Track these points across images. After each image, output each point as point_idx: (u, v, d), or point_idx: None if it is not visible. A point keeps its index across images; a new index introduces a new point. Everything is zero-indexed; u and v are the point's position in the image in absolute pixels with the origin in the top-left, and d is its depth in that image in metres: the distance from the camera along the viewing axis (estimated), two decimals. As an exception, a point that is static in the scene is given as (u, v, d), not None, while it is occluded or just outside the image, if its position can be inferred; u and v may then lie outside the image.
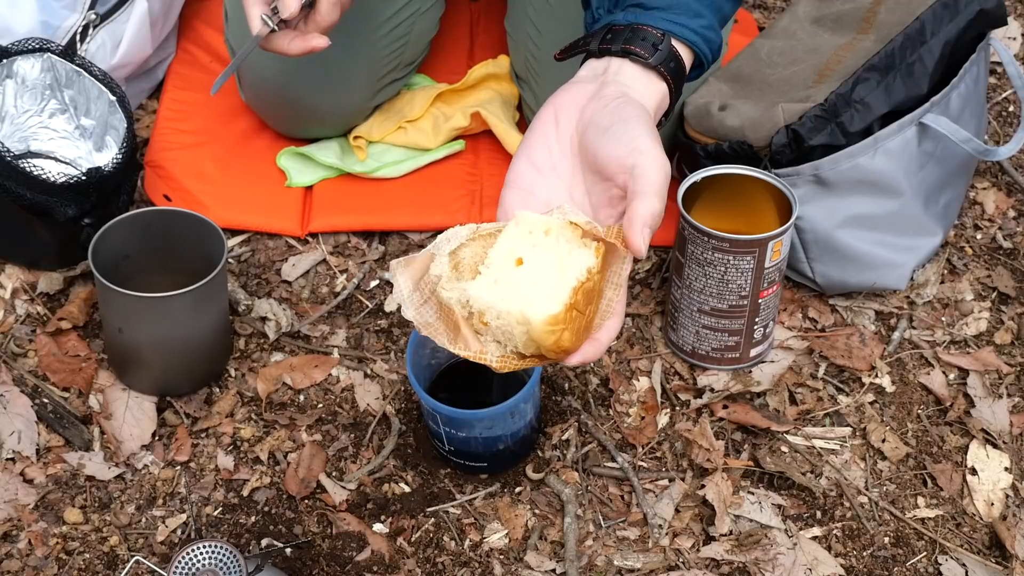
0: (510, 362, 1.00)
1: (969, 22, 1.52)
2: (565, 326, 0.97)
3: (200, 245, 1.38)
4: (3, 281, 1.51)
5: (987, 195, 1.67)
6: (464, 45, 1.81)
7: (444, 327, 1.01)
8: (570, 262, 0.98)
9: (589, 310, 0.99)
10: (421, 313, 1.02)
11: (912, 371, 1.48)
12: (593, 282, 0.98)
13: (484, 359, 0.99)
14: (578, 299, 0.97)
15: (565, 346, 0.98)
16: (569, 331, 0.97)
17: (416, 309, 1.02)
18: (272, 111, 1.64)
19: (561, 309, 0.96)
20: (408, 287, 1.02)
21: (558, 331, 0.97)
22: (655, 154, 0.99)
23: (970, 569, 1.31)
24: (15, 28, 1.53)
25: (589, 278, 0.98)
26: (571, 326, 0.97)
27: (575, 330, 0.98)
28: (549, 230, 0.99)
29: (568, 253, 0.99)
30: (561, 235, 0.99)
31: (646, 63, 1.07)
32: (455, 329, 1.00)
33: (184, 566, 1.14)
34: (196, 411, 1.40)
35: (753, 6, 1.97)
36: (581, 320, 0.98)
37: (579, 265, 0.98)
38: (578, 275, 0.97)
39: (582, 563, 1.29)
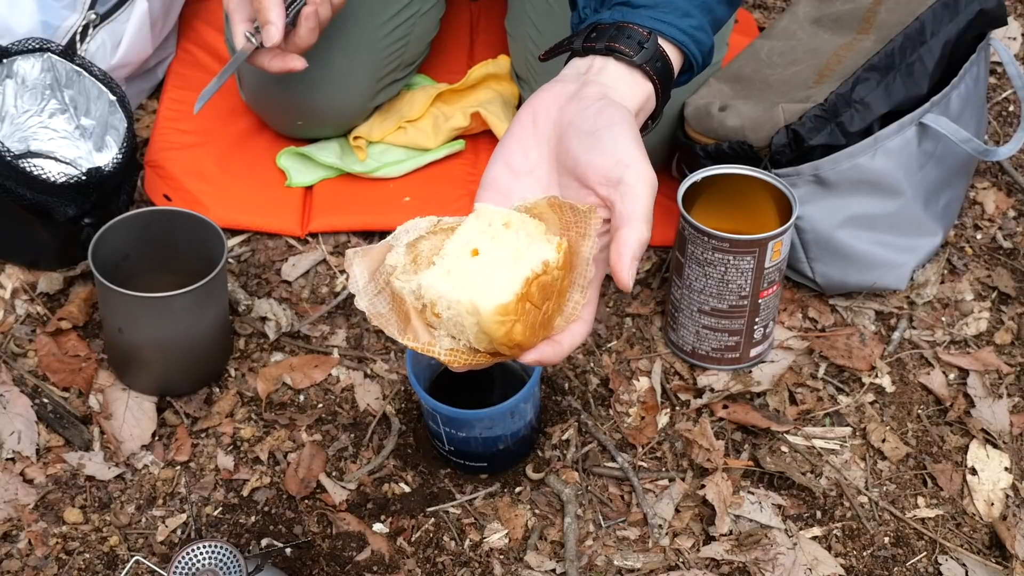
0: (460, 356, 0.98)
1: (969, 22, 1.52)
2: (516, 318, 0.94)
3: (200, 245, 1.38)
4: (3, 281, 1.51)
5: (987, 195, 1.67)
6: (464, 45, 1.81)
7: (396, 318, 0.99)
8: (527, 254, 0.96)
9: (547, 306, 0.96)
10: (374, 303, 1.00)
11: (912, 371, 1.48)
12: (552, 277, 0.96)
13: (432, 351, 0.97)
14: (531, 291, 0.95)
15: (517, 339, 0.95)
16: (522, 324, 0.95)
17: (369, 299, 1.00)
18: (272, 111, 1.64)
19: (512, 299, 0.94)
20: (364, 277, 1.01)
21: (508, 322, 0.94)
22: (642, 168, 0.97)
23: (970, 569, 1.31)
24: (15, 28, 1.53)
25: (546, 271, 0.95)
26: (524, 319, 0.95)
27: (529, 324, 0.95)
28: (509, 223, 0.97)
29: (527, 246, 0.96)
30: (522, 229, 0.97)
31: (631, 61, 1.04)
32: (406, 320, 0.99)
33: (184, 566, 1.14)
34: (196, 411, 1.40)
35: (753, 6, 1.97)
36: (536, 315, 0.96)
37: (536, 257, 0.95)
38: (533, 267, 0.95)
39: (582, 563, 1.29)
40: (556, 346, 0.98)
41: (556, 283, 0.96)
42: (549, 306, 0.97)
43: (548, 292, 0.96)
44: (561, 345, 0.98)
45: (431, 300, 0.96)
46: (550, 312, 0.97)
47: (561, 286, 0.97)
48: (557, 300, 0.98)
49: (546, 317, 0.97)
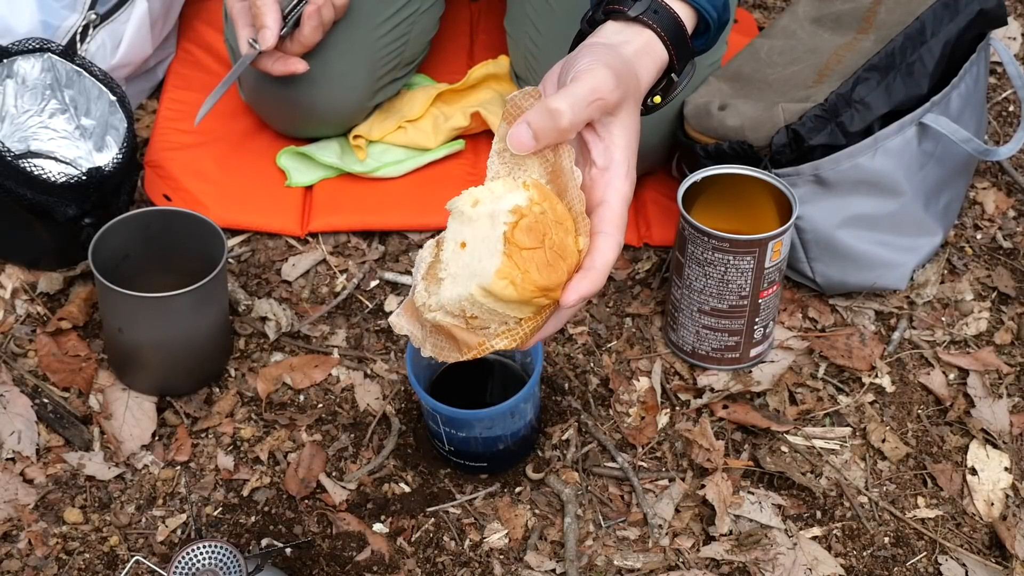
0: (516, 334, 0.97)
1: (969, 22, 1.52)
2: (521, 270, 0.94)
3: (200, 245, 1.38)
4: (3, 281, 1.51)
5: (987, 195, 1.67)
6: (464, 45, 1.81)
7: (451, 344, 1.00)
8: (500, 212, 0.95)
9: (550, 239, 0.95)
10: (435, 344, 1.01)
11: (912, 371, 1.48)
12: (533, 216, 0.95)
13: (489, 346, 0.98)
14: (519, 239, 0.94)
15: (541, 284, 0.95)
16: (532, 271, 0.94)
17: (431, 343, 1.01)
18: (272, 111, 1.64)
19: (501, 260, 0.94)
20: (417, 328, 1.02)
21: (517, 277, 0.94)
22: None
23: (970, 569, 1.31)
24: (15, 28, 1.53)
25: (522, 215, 0.94)
26: (531, 264, 0.94)
27: (540, 266, 0.95)
28: (476, 200, 0.97)
29: (497, 206, 0.96)
30: (488, 196, 0.96)
31: (625, 15, 1.05)
32: (454, 340, 0.99)
33: (184, 566, 1.14)
34: (196, 411, 1.40)
35: (753, 6, 1.97)
36: (542, 253, 0.95)
37: (505, 208, 0.95)
38: (505, 220, 0.94)
39: (582, 563, 1.29)
40: (591, 273, 0.97)
41: (545, 216, 0.95)
42: (552, 238, 0.96)
43: (541, 228, 0.95)
44: (595, 269, 0.97)
45: (458, 310, 0.97)
46: (559, 241, 0.96)
47: (557, 214, 0.96)
48: (561, 227, 0.97)
49: (558, 248, 0.96)
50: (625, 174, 1.00)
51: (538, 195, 0.96)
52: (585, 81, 0.98)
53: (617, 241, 0.99)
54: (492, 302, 0.95)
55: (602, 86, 0.98)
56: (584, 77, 0.98)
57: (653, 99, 1.12)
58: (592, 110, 0.98)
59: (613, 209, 0.99)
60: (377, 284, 1.54)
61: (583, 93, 0.97)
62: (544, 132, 0.96)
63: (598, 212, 0.99)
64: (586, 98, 0.97)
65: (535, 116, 0.96)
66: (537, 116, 0.96)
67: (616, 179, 1.00)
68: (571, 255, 0.97)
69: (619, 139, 1.00)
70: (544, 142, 0.97)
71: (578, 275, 0.97)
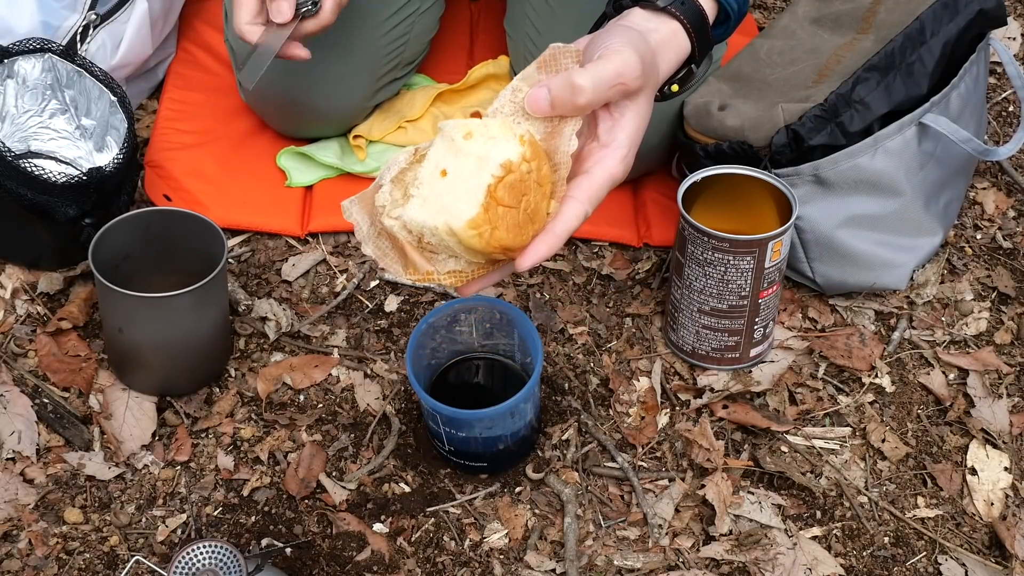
0: (462, 276, 0.99)
1: (969, 22, 1.52)
2: (492, 225, 0.95)
3: (200, 245, 1.38)
4: (3, 281, 1.51)
5: (987, 195, 1.68)
6: (464, 45, 1.81)
7: (397, 256, 1.01)
8: (489, 160, 0.96)
9: (527, 200, 0.97)
10: (378, 246, 1.02)
11: (912, 371, 1.48)
12: (519, 174, 0.96)
13: (434, 279, 0.99)
14: (500, 195, 0.95)
15: (505, 243, 0.96)
16: (501, 228, 0.96)
17: (373, 243, 1.02)
18: (272, 111, 1.64)
19: (478, 211, 0.95)
20: (366, 222, 1.02)
21: (486, 232, 0.95)
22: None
23: (970, 569, 1.31)
24: (15, 28, 1.53)
25: (510, 170, 0.95)
26: (502, 223, 0.96)
27: (510, 226, 0.96)
28: (470, 132, 0.97)
29: (489, 151, 0.96)
30: (484, 134, 0.96)
31: (654, 5, 1.07)
32: (404, 255, 1.00)
33: (184, 566, 1.14)
34: (196, 411, 1.40)
35: (753, 6, 1.97)
36: (516, 214, 0.96)
37: (496, 160, 0.95)
38: (493, 172, 0.95)
39: (582, 563, 1.29)
40: (549, 236, 0.99)
41: (530, 175, 0.96)
42: (530, 200, 0.97)
43: (522, 188, 0.96)
44: (554, 233, 0.99)
45: (417, 232, 0.98)
46: (534, 204, 0.98)
47: (540, 175, 0.97)
48: (540, 190, 0.98)
49: (531, 211, 0.97)
50: (622, 157, 1.02)
51: (530, 152, 0.97)
52: (612, 62, 0.99)
53: (585, 211, 1.00)
54: (454, 243, 0.97)
55: (627, 71, 1.00)
56: (612, 58, 1.00)
57: (671, 87, 1.14)
58: (612, 93, 1.00)
59: (593, 181, 1.01)
60: (377, 284, 1.54)
61: (608, 75, 0.99)
62: (561, 104, 0.98)
63: (578, 180, 1.01)
64: (610, 81, 0.99)
65: (557, 86, 0.98)
66: (559, 87, 0.98)
67: (610, 158, 1.01)
68: (540, 219, 0.99)
69: (628, 123, 1.02)
70: (558, 112, 0.99)
71: (538, 238, 0.99)
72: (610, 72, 0.99)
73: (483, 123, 0.98)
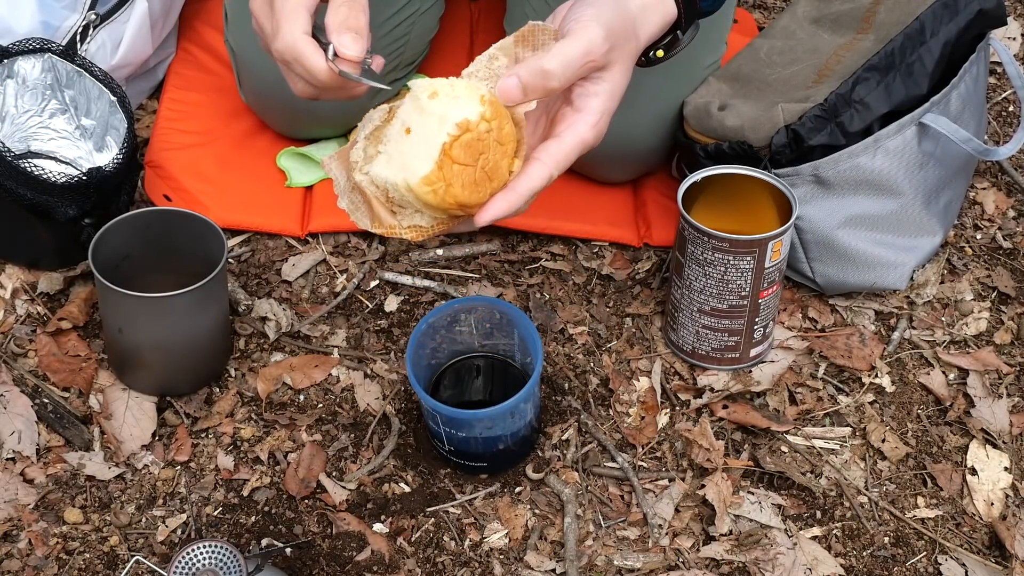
0: (422, 230, 1.03)
1: (969, 22, 1.52)
2: (446, 182, 0.99)
3: (200, 245, 1.38)
4: (3, 281, 1.51)
5: (987, 195, 1.68)
6: (464, 45, 1.81)
7: (366, 209, 1.05)
8: (449, 119, 0.99)
9: (485, 159, 1.00)
10: (351, 200, 1.06)
11: (912, 371, 1.48)
12: (476, 133, 0.99)
13: (395, 232, 1.03)
14: (455, 153, 0.99)
15: (460, 200, 1.00)
16: (457, 186, 0.99)
17: (348, 197, 1.06)
18: (272, 111, 1.64)
19: (432, 168, 0.99)
20: (343, 177, 1.07)
21: (440, 188, 0.99)
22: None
23: (970, 569, 1.31)
24: (15, 28, 1.53)
25: (467, 129, 0.99)
26: (457, 180, 0.99)
27: (467, 183, 1.00)
28: (435, 92, 1.01)
29: (449, 111, 1.00)
30: (449, 94, 1.00)
31: None
32: (371, 209, 1.04)
33: (184, 566, 1.14)
34: (196, 411, 1.40)
35: (753, 6, 1.97)
36: (472, 172, 1.00)
37: (453, 119, 0.99)
38: (449, 130, 0.99)
39: (582, 563, 1.29)
40: (509, 194, 1.02)
41: (489, 134, 1.00)
42: (488, 158, 1.00)
43: (479, 147, 1.00)
44: (515, 192, 1.03)
45: (383, 187, 1.02)
46: (493, 162, 1.01)
47: (501, 134, 1.01)
48: (501, 148, 1.01)
49: (488, 169, 1.01)
50: (593, 124, 1.05)
51: (490, 112, 1.00)
52: (578, 41, 1.03)
53: (550, 174, 1.04)
54: (412, 198, 1.01)
55: (593, 49, 1.03)
56: (579, 35, 1.03)
57: (656, 52, 1.16)
58: (583, 71, 1.04)
59: (562, 145, 1.04)
60: (377, 284, 1.54)
61: (575, 56, 1.03)
62: (533, 89, 1.02)
63: (547, 143, 1.05)
64: (577, 61, 1.03)
65: (527, 73, 1.02)
66: (528, 74, 1.02)
67: (581, 123, 1.05)
68: (500, 177, 1.02)
69: (602, 91, 1.06)
70: (531, 97, 1.03)
71: (498, 195, 1.02)
72: (577, 52, 1.03)
73: (449, 83, 1.02)
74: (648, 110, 1.52)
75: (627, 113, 1.50)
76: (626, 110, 1.48)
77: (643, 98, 1.51)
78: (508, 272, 1.55)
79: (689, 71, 1.54)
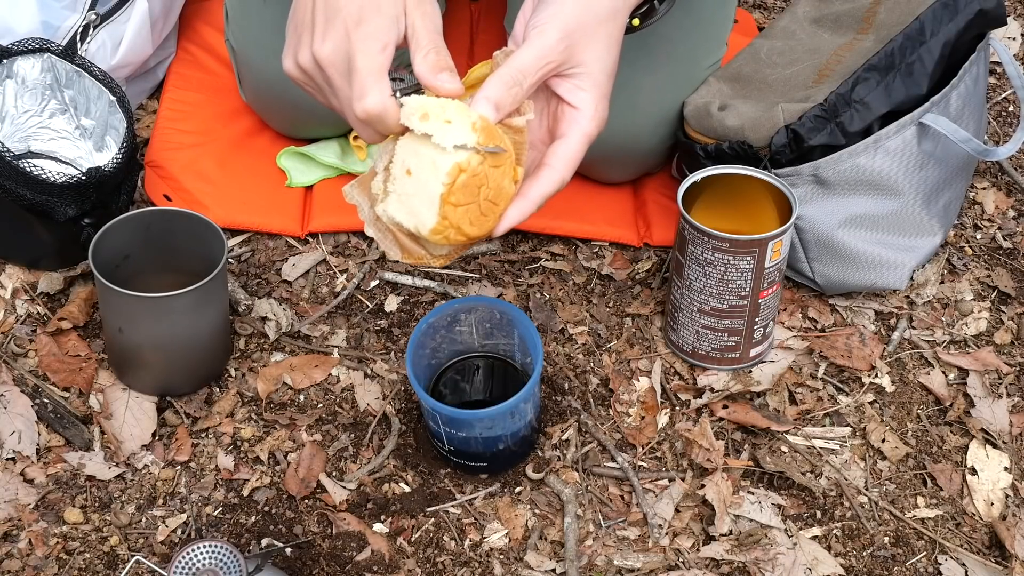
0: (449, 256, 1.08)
1: (969, 22, 1.52)
2: (454, 227, 1.02)
3: (200, 245, 1.38)
4: (3, 281, 1.51)
5: (987, 195, 1.68)
6: (464, 45, 1.81)
7: (392, 240, 1.08)
8: (442, 161, 1.01)
9: (484, 190, 1.02)
10: (377, 228, 1.08)
11: (912, 371, 1.48)
12: (470, 170, 1.01)
13: (427, 262, 1.07)
14: (455, 198, 1.01)
15: (473, 235, 1.03)
16: (464, 225, 1.02)
17: (374, 225, 1.08)
18: (272, 111, 1.64)
19: (436, 221, 1.02)
20: (366, 204, 1.09)
21: (450, 231, 1.02)
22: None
23: (970, 569, 1.31)
24: (15, 28, 1.53)
25: (461, 170, 1.01)
26: (464, 219, 1.02)
27: (473, 220, 1.02)
28: (426, 114, 1.02)
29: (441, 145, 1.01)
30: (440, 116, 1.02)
31: None
32: (397, 241, 1.07)
33: (184, 566, 1.14)
34: (196, 411, 1.40)
35: (753, 6, 1.97)
36: (475, 208, 1.02)
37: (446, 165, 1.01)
38: (443, 180, 1.01)
39: (582, 563, 1.29)
40: (523, 202, 1.06)
41: (483, 165, 1.02)
42: (488, 188, 1.03)
43: (476, 183, 1.02)
44: (528, 200, 1.06)
45: (399, 225, 1.05)
46: (496, 186, 1.03)
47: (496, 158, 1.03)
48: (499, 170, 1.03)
49: (493, 196, 1.03)
50: (592, 115, 1.09)
51: (483, 138, 1.02)
52: (530, 48, 1.07)
53: (561, 177, 1.07)
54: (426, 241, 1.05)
55: (547, 53, 1.07)
56: (531, 42, 1.07)
57: (632, 21, 1.18)
58: (543, 73, 1.07)
59: (569, 146, 1.08)
60: (377, 284, 1.54)
61: (528, 63, 1.07)
62: (503, 105, 1.06)
63: (554, 146, 1.08)
64: (532, 67, 1.07)
65: (492, 90, 1.06)
66: (494, 90, 1.06)
67: (583, 118, 1.08)
68: (506, 197, 1.05)
69: (584, 84, 1.09)
70: (505, 111, 1.06)
71: (513, 204, 1.05)
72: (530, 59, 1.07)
73: (440, 104, 1.03)
74: (648, 110, 1.52)
75: (627, 113, 1.50)
76: (626, 110, 1.48)
77: (643, 98, 1.51)
78: (508, 272, 1.55)
79: (689, 72, 1.54)
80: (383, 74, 1.09)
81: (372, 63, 1.08)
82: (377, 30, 1.09)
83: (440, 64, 1.10)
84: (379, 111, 1.08)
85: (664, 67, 1.50)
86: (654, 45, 1.49)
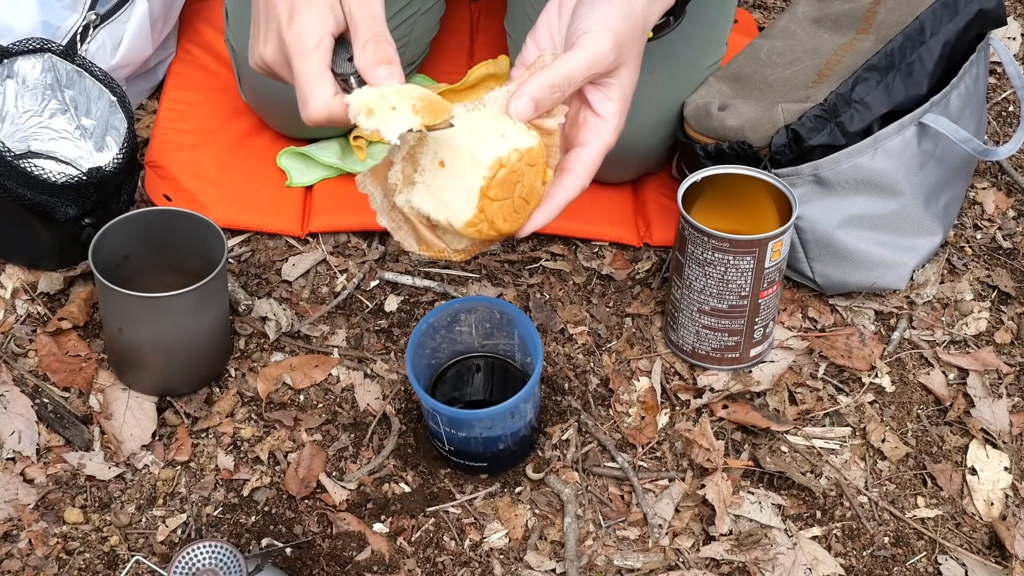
0: (471, 251, 1.07)
1: (969, 22, 1.52)
2: (488, 221, 1.02)
3: (200, 245, 1.38)
4: (3, 281, 1.51)
5: (987, 195, 1.68)
6: (464, 45, 1.81)
7: (410, 230, 1.07)
8: (481, 159, 1.02)
9: (519, 187, 1.03)
10: (391, 218, 1.08)
11: (912, 371, 1.48)
12: (510, 167, 1.02)
13: (444, 255, 1.07)
14: (493, 193, 1.02)
15: (505, 231, 1.04)
16: (498, 221, 1.03)
17: (387, 215, 1.08)
18: (272, 111, 1.64)
19: (473, 212, 1.02)
20: (379, 194, 1.08)
21: (484, 225, 1.03)
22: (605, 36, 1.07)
23: (970, 569, 1.31)
24: (15, 28, 1.53)
25: (501, 165, 1.01)
26: (498, 215, 1.03)
27: (507, 216, 1.03)
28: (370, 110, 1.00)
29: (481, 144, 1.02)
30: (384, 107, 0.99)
31: None
32: (415, 232, 1.07)
33: (184, 566, 1.14)
34: (196, 411, 1.40)
35: (753, 6, 1.97)
36: (510, 204, 1.03)
37: (487, 158, 1.02)
38: (484, 174, 1.01)
39: (582, 563, 1.29)
40: (548, 207, 1.08)
41: (521, 162, 1.03)
42: (523, 185, 1.04)
43: (513, 179, 1.03)
44: (553, 204, 1.08)
45: (425, 215, 1.05)
46: (529, 185, 1.04)
47: (532, 157, 1.04)
48: (532, 169, 1.04)
49: (526, 194, 1.04)
50: (615, 127, 1.11)
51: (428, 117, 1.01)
52: (583, 53, 1.07)
53: (583, 183, 1.09)
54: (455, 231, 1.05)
55: (599, 61, 1.08)
56: (584, 47, 1.07)
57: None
58: (587, 79, 1.08)
59: (591, 153, 1.09)
60: (377, 284, 1.54)
61: (579, 69, 1.07)
62: (543, 105, 1.07)
63: (576, 152, 1.10)
64: (581, 73, 1.07)
65: (535, 89, 1.06)
66: (537, 89, 1.06)
67: (606, 128, 1.10)
68: (537, 196, 1.06)
69: (615, 95, 1.10)
70: (542, 112, 1.07)
71: (538, 209, 1.07)
72: (582, 65, 1.07)
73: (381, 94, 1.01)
74: (648, 110, 1.52)
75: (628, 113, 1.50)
76: (627, 110, 1.49)
77: (643, 99, 1.51)
78: (508, 272, 1.56)
79: (689, 72, 1.54)
80: (321, 74, 1.04)
81: (308, 65, 1.03)
82: (309, 24, 1.04)
83: (379, 57, 1.04)
84: (323, 118, 1.03)
85: (664, 67, 1.50)
86: (654, 45, 1.49)
